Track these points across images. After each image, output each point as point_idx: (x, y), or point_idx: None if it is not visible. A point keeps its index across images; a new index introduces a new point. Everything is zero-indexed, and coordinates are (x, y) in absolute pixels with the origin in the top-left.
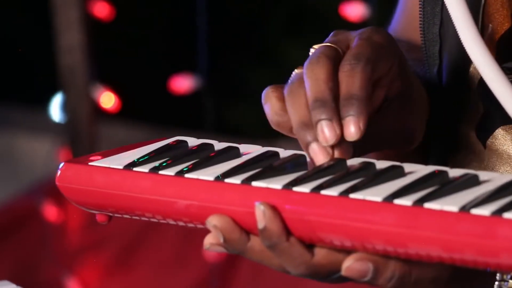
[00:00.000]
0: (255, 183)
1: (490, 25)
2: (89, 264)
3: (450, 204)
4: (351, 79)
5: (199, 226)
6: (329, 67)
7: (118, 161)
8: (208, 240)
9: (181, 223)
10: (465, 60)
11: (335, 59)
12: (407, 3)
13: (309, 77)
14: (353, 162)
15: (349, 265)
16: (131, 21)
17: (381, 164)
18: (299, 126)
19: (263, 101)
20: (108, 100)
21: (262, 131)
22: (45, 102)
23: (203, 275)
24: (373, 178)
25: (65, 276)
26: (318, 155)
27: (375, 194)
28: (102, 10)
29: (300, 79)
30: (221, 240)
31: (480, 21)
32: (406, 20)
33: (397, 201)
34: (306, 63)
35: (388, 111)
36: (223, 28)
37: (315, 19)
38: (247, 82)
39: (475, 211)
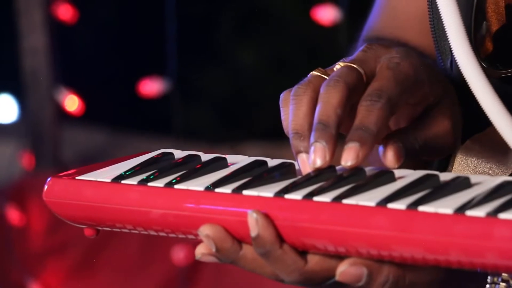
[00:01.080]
0: (246, 192)
1: (485, 22)
2: (53, 267)
3: (444, 206)
4: (368, 114)
5: (191, 236)
6: (343, 94)
7: (105, 174)
8: (200, 250)
9: (172, 235)
10: None
11: (353, 85)
12: (387, 1)
13: (323, 98)
14: (342, 168)
15: (343, 270)
16: (97, 23)
17: (371, 170)
18: (294, 133)
19: (280, 104)
20: (72, 103)
21: (225, 135)
22: None
23: (167, 277)
24: (364, 183)
25: (29, 279)
26: (306, 165)
27: (368, 199)
28: (66, 12)
29: (308, 84)
30: (213, 250)
31: (473, 17)
32: (387, 17)
33: (391, 205)
34: (325, 82)
35: (427, 119)
36: (192, 32)
37: (280, 23)
38: (212, 86)
39: (470, 213)
